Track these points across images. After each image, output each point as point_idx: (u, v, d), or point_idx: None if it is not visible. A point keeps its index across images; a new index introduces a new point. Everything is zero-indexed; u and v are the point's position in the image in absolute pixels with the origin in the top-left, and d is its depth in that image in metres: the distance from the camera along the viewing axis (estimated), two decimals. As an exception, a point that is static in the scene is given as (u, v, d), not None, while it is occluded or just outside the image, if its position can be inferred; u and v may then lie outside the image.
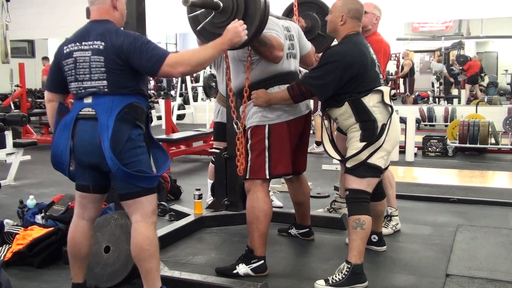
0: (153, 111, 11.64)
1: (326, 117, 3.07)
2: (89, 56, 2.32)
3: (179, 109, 12.48)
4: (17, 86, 10.62)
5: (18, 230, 3.40)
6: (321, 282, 2.82)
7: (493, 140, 7.28)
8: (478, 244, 3.52)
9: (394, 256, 3.35)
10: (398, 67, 14.65)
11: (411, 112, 8.04)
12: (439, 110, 10.39)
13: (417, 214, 4.33)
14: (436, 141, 7.37)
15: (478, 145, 7.27)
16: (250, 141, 3.01)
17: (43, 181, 5.84)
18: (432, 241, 3.64)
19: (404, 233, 3.80)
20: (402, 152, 6.93)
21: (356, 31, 2.96)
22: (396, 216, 3.83)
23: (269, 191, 3.50)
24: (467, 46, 15.78)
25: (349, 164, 2.87)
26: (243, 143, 3.00)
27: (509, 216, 4.25)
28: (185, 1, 2.48)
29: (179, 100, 12.59)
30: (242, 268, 2.98)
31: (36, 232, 3.32)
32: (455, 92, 14.17)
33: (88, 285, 2.69)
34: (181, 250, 3.47)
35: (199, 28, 2.72)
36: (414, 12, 9.31)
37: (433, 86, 14.52)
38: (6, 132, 5.75)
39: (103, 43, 2.31)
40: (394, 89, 4.15)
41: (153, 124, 10.29)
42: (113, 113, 2.30)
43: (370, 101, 2.84)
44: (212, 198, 4.19)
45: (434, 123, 10.33)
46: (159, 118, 10.81)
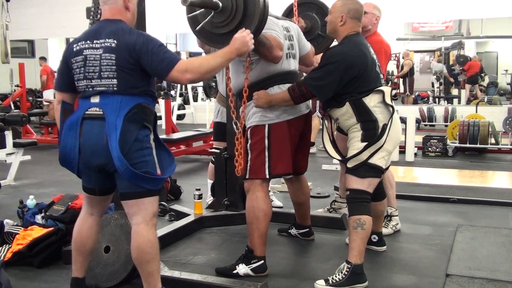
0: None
1: (327, 117, 3.07)
2: (100, 54, 2.30)
3: (179, 109, 12.48)
4: (17, 86, 10.63)
5: (18, 230, 3.40)
6: (321, 282, 2.82)
7: (493, 140, 7.28)
8: (478, 244, 3.52)
9: (394, 256, 3.35)
10: (398, 67, 14.65)
11: (411, 112, 8.05)
12: (439, 110, 10.40)
13: (417, 214, 4.33)
14: (436, 141, 7.37)
15: (478, 145, 7.28)
16: (250, 140, 3.01)
17: (43, 181, 5.85)
18: (432, 241, 3.64)
19: (404, 233, 3.80)
20: (402, 152, 6.93)
21: (356, 31, 2.95)
22: (396, 216, 3.83)
23: (269, 191, 3.50)
24: (467, 46, 15.76)
25: (350, 164, 2.87)
26: (242, 143, 2.99)
27: (509, 216, 4.25)
28: (184, 1, 2.46)
29: (179, 100, 12.59)
30: (242, 268, 2.97)
31: (36, 232, 3.32)
32: (455, 92, 14.18)
33: (88, 284, 2.69)
34: (181, 250, 3.47)
35: (198, 28, 2.72)
36: (414, 12, 9.31)
37: (433, 86, 14.51)
38: (6, 132, 5.75)
39: (115, 41, 2.29)
40: (394, 89, 4.14)
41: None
42: (122, 113, 2.28)
43: (371, 101, 2.83)
44: (212, 198, 4.19)
45: (434, 123, 10.34)
46: (159, 118, 10.80)
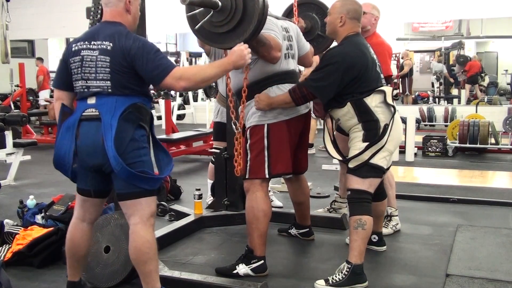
0: (153, 111, 11.60)
1: (328, 118, 3.07)
2: (96, 56, 2.32)
3: (179, 109, 12.48)
4: (17, 86, 10.62)
5: (18, 230, 3.40)
6: (321, 282, 2.82)
7: (493, 140, 7.28)
8: (478, 244, 3.52)
9: (394, 256, 3.35)
10: (398, 67, 14.65)
11: (411, 112, 8.04)
12: (439, 110, 10.40)
13: (417, 214, 4.32)
14: (436, 141, 7.37)
15: (478, 145, 7.27)
16: (249, 140, 3.01)
17: (43, 181, 5.84)
18: (432, 241, 3.64)
19: (404, 233, 3.80)
20: (402, 152, 6.92)
21: (356, 31, 2.95)
22: (396, 216, 3.83)
23: (269, 191, 3.50)
24: (467, 46, 15.76)
25: (352, 165, 2.87)
26: (241, 143, 2.99)
27: (509, 216, 4.25)
28: (183, 0, 2.47)
29: (179, 100, 12.58)
30: (242, 268, 2.97)
31: (36, 232, 3.32)
32: (455, 92, 14.18)
33: (83, 283, 2.69)
34: (181, 250, 3.47)
35: (197, 27, 2.72)
36: (414, 12, 9.30)
37: (433, 86, 14.51)
38: (6, 132, 5.75)
39: (111, 44, 2.31)
40: (395, 89, 4.14)
41: (153, 124, 10.26)
42: (117, 112, 2.29)
43: (373, 101, 2.83)
44: (212, 198, 4.19)
45: (434, 123, 10.34)
46: (159, 118, 10.79)
